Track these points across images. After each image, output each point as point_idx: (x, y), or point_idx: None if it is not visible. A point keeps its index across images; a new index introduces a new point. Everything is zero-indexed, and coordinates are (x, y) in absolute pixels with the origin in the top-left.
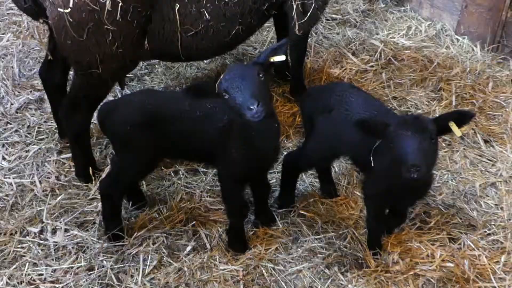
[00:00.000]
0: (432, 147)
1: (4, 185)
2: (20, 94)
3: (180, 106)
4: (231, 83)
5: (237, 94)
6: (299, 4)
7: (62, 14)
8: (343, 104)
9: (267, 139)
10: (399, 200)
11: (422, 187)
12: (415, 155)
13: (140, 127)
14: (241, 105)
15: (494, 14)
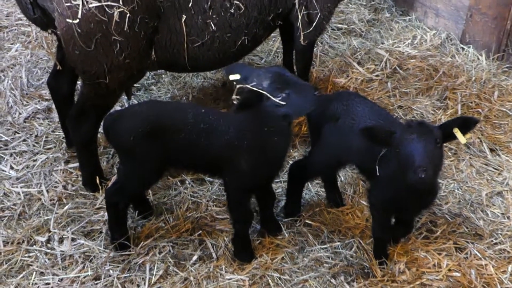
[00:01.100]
0: (438, 151)
1: (12, 194)
2: (28, 104)
3: (184, 118)
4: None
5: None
6: (304, 14)
7: (71, 24)
8: (349, 113)
9: (279, 150)
10: (405, 209)
11: (428, 195)
12: (421, 157)
13: (144, 138)
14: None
15: (499, 23)
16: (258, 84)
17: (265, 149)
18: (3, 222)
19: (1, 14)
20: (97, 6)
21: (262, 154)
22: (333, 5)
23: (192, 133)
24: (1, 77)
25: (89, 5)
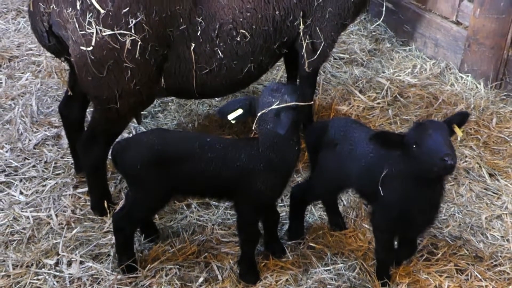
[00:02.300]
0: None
1: (21, 218)
2: (38, 131)
3: (190, 147)
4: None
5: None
6: (309, 43)
7: (84, 52)
8: (347, 139)
9: (291, 166)
10: (409, 227)
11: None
12: (445, 146)
13: (150, 166)
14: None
15: (496, 53)
16: (282, 102)
17: (279, 167)
18: (13, 245)
19: (12, 45)
20: (110, 34)
21: (277, 172)
22: (336, 34)
23: (199, 161)
24: (12, 105)
25: (103, 33)
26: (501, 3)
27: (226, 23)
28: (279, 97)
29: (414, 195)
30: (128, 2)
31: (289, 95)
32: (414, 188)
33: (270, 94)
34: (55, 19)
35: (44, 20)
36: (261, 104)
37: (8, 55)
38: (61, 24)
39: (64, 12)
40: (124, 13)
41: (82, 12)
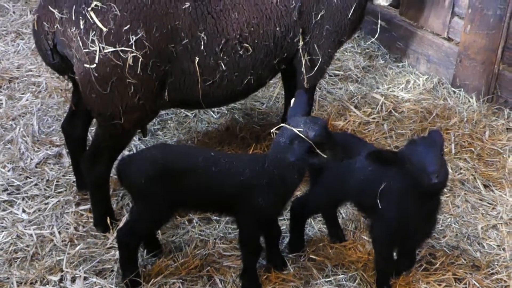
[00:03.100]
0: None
1: (25, 236)
2: (40, 150)
3: (193, 161)
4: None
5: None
6: (307, 59)
7: (88, 69)
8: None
9: (295, 185)
10: (406, 240)
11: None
12: (431, 164)
13: (153, 181)
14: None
15: (487, 68)
16: (305, 131)
17: (283, 185)
18: (17, 263)
19: (12, 66)
20: (113, 52)
21: (279, 190)
22: (333, 51)
23: (203, 175)
24: (13, 125)
25: (105, 51)
26: (490, 19)
27: (233, 38)
28: (306, 126)
29: (411, 209)
30: (129, 19)
31: (313, 131)
32: (412, 202)
33: (303, 120)
34: (60, 38)
35: (48, 39)
36: (294, 123)
37: (8, 76)
38: (65, 43)
39: (68, 31)
40: (125, 31)
41: (85, 30)
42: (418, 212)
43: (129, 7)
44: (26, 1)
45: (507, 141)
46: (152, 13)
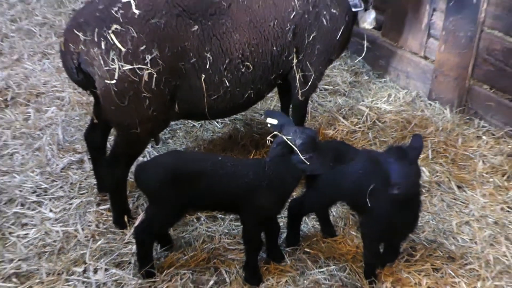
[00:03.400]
0: (411, 170)
1: (52, 232)
2: (64, 156)
3: (203, 166)
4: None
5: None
6: (300, 75)
7: (109, 85)
8: (339, 158)
9: (291, 188)
10: (393, 234)
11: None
12: (396, 176)
13: (167, 185)
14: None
15: (460, 83)
16: (293, 139)
17: (281, 187)
18: (45, 256)
19: (39, 83)
20: (130, 69)
21: (278, 191)
22: (323, 68)
23: (211, 178)
24: (40, 134)
25: (124, 68)
26: (462, 40)
27: (235, 57)
28: (295, 135)
29: (396, 208)
30: (144, 41)
31: (300, 139)
32: (395, 202)
33: (294, 129)
34: (83, 58)
35: (74, 58)
36: (286, 132)
37: (36, 92)
38: (88, 62)
39: (91, 51)
40: (141, 50)
41: (106, 51)
42: (401, 212)
43: (144, 29)
44: (51, 26)
45: (477, 147)
46: (165, 35)
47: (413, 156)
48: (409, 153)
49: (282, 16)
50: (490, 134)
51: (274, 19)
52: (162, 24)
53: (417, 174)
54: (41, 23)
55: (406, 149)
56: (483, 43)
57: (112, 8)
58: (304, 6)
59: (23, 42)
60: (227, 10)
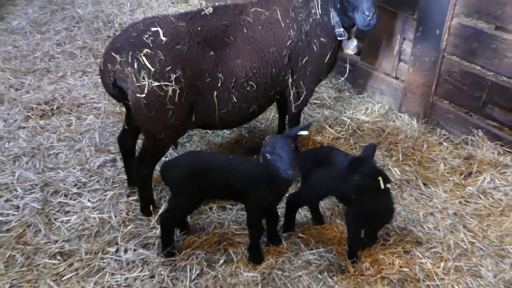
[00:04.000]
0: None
1: (90, 218)
2: (100, 156)
3: (218, 162)
4: (273, 149)
5: (279, 159)
6: (295, 92)
7: (139, 98)
8: (330, 161)
9: (286, 185)
10: (371, 224)
11: (388, 214)
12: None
13: (188, 179)
14: (281, 168)
15: (425, 99)
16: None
17: (274, 182)
18: (84, 238)
19: (80, 95)
20: (158, 85)
21: (273, 185)
22: (314, 86)
23: (222, 174)
24: (80, 138)
25: (152, 85)
26: (427, 64)
27: (240, 77)
28: (270, 141)
29: (372, 201)
30: (170, 62)
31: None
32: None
33: (274, 138)
34: (119, 75)
35: (111, 75)
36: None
37: (77, 103)
38: (123, 79)
39: (125, 70)
40: (167, 70)
41: (138, 70)
42: (377, 205)
43: (170, 53)
44: (89, 49)
45: (439, 152)
46: (187, 58)
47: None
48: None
49: (280, 44)
50: (449, 141)
51: (273, 46)
52: (185, 49)
53: (376, 170)
54: (81, 46)
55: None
56: (444, 66)
57: (143, 35)
58: (298, 36)
59: (67, 62)
60: (234, 41)
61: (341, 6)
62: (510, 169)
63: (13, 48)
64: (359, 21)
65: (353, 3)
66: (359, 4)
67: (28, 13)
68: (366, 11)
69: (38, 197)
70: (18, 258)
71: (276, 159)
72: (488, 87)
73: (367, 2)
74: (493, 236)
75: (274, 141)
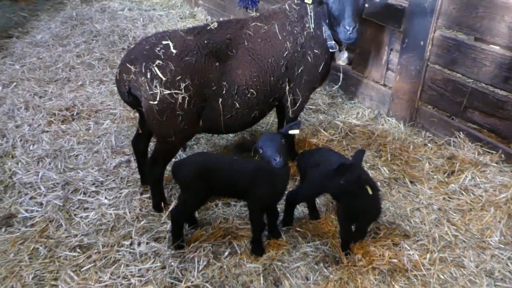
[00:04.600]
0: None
1: (106, 214)
2: (116, 157)
3: (223, 163)
4: (264, 143)
5: (268, 150)
6: (291, 99)
7: (152, 105)
8: (326, 161)
9: (282, 181)
10: (360, 220)
11: (375, 212)
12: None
13: (196, 177)
14: (270, 156)
15: (411, 104)
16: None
17: (272, 181)
18: (101, 232)
19: (97, 102)
20: (169, 93)
21: (271, 184)
22: (309, 93)
23: (228, 173)
24: (98, 141)
25: (164, 93)
26: (412, 73)
27: (242, 85)
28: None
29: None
30: (180, 72)
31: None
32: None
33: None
34: (133, 84)
35: (125, 84)
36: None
37: (95, 109)
38: (137, 87)
39: (139, 79)
40: (177, 80)
41: (151, 79)
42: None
43: (180, 64)
44: (106, 60)
45: (424, 152)
46: (195, 69)
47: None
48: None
49: (278, 55)
50: (433, 142)
51: (272, 57)
52: (193, 61)
53: (363, 178)
54: (99, 58)
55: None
56: (428, 74)
57: (155, 48)
58: (294, 47)
59: (86, 72)
60: (237, 52)
61: (329, 21)
62: (490, 168)
63: (37, 60)
64: (341, 35)
65: (337, 18)
66: (341, 20)
67: (51, 27)
68: (347, 26)
69: (59, 195)
70: (41, 251)
71: (266, 151)
72: (469, 93)
73: (348, 18)
74: (474, 230)
75: (265, 137)
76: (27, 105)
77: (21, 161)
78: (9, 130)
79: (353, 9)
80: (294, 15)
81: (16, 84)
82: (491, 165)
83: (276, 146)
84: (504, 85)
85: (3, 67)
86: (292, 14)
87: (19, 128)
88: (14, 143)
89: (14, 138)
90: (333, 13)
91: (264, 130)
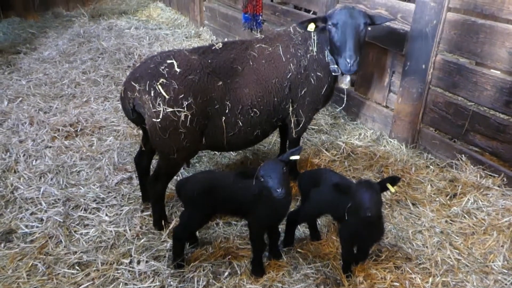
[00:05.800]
0: (379, 198)
1: (107, 231)
2: (118, 174)
3: (227, 182)
4: (266, 172)
5: (269, 180)
6: (295, 120)
7: (155, 122)
8: (327, 182)
9: (284, 202)
10: (363, 241)
11: (378, 231)
12: (368, 202)
13: (201, 195)
14: (272, 187)
15: (412, 126)
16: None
17: (273, 203)
18: (101, 249)
19: (101, 119)
20: (172, 111)
21: (272, 205)
22: (312, 114)
23: (232, 191)
24: (101, 157)
25: (167, 110)
26: (414, 95)
27: (246, 105)
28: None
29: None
30: (183, 90)
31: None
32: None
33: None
34: (137, 102)
35: (130, 102)
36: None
37: (98, 125)
38: (141, 105)
39: (143, 97)
40: (180, 98)
41: (154, 97)
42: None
43: (183, 83)
44: (111, 77)
45: (426, 174)
46: (198, 87)
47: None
48: (376, 185)
49: (282, 76)
50: (435, 165)
51: (275, 78)
52: (196, 79)
53: (380, 202)
54: (104, 75)
55: (374, 183)
56: (429, 97)
57: (160, 66)
58: (298, 69)
59: (91, 88)
60: (241, 72)
61: (331, 49)
62: (492, 191)
63: (44, 75)
64: (341, 66)
65: (339, 48)
66: (343, 52)
67: (58, 44)
68: (348, 59)
69: (60, 211)
70: (40, 267)
71: (268, 181)
72: (470, 116)
73: (349, 51)
74: (477, 254)
75: (266, 165)
76: (31, 120)
77: (23, 176)
78: (13, 145)
79: (354, 42)
80: (298, 38)
81: (22, 99)
82: (493, 188)
83: (278, 176)
84: (505, 109)
85: (10, 82)
86: (296, 37)
87: (22, 143)
88: (17, 158)
89: (17, 153)
90: (334, 43)
91: (266, 149)
